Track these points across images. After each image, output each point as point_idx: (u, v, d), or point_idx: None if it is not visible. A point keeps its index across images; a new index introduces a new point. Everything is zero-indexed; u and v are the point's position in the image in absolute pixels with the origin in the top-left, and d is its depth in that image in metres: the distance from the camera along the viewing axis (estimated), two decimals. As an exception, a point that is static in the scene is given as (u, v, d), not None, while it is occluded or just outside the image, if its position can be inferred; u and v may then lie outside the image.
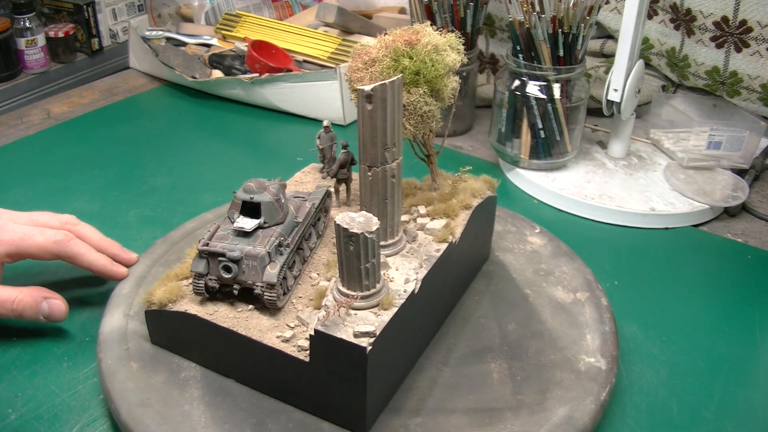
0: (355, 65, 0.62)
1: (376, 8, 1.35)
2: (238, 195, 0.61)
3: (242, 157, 1.05)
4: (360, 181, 0.60)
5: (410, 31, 0.63)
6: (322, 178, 0.77)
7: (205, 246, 0.59)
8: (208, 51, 1.28)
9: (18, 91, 1.36)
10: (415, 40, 0.61)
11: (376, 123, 0.55)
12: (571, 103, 0.94)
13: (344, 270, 0.54)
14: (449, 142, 1.09)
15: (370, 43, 0.63)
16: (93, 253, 0.69)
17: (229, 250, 0.58)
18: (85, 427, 0.59)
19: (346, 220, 0.51)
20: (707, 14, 0.97)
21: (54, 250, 0.67)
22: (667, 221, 0.89)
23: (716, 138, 0.95)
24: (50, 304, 0.66)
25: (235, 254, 0.58)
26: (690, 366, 0.67)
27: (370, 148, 0.57)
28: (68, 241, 0.68)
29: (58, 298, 0.67)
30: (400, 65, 0.60)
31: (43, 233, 0.67)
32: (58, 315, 0.66)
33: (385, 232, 0.61)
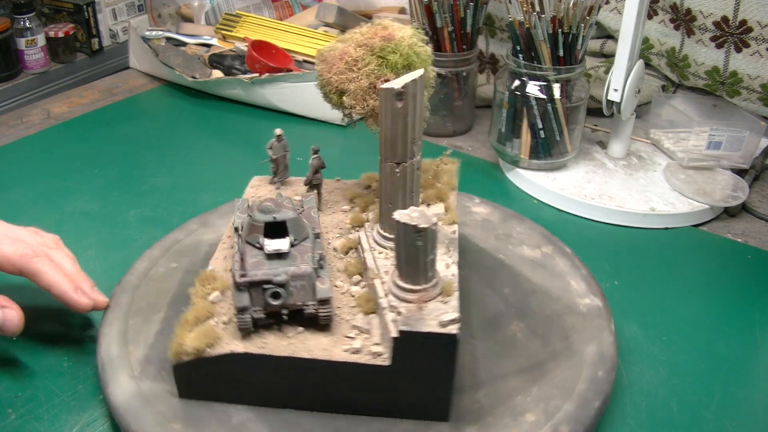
0: (337, 68, 0.62)
1: (376, 8, 1.35)
2: (259, 217, 0.57)
3: (242, 157, 1.05)
4: (384, 179, 0.60)
5: (379, 27, 0.64)
6: (276, 189, 0.74)
7: (244, 277, 0.54)
8: (208, 51, 1.28)
9: (18, 91, 1.36)
10: (389, 36, 0.62)
11: (407, 120, 0.56)
12: (571, 103, 0.94)
13: (407, 266, 0.54)
14: (449, 142, 1.09)
15: (337, 46, 0.63)
16: (56, 275, 0.63)
17: (273, 275, 0.54)
18: (85, 427, 0.59)
19: (413, 215, 0.52)
20: (707, 14, 0.97)
21: (18, 263, 0.62)
22: (667, 221, 0.89)
23: (716, 138, 0.95)
24: (5, 313, 0.61)
25: (282, 278, 0.54)
26: (690, 366, 0.67)
27: (399, 145, 0.58)
28: (33, 256, 0.63)
29: (14, 308, 0.61)
30: (389, 61, 0.61)
31: (13, 244, 0.63)
32: (10, 326, 0.61)
33: None
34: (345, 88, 0.63)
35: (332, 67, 0.63)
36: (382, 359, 0.54)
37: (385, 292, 0.57)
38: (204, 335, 0.55)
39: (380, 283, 0.58)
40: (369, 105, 0.63)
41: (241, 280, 0.54)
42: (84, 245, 0.82)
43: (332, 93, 0.64)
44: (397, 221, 0.51)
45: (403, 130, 0.57)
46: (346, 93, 0.63)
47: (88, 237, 0.84)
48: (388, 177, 0.60)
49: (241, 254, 0.56)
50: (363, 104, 0.63)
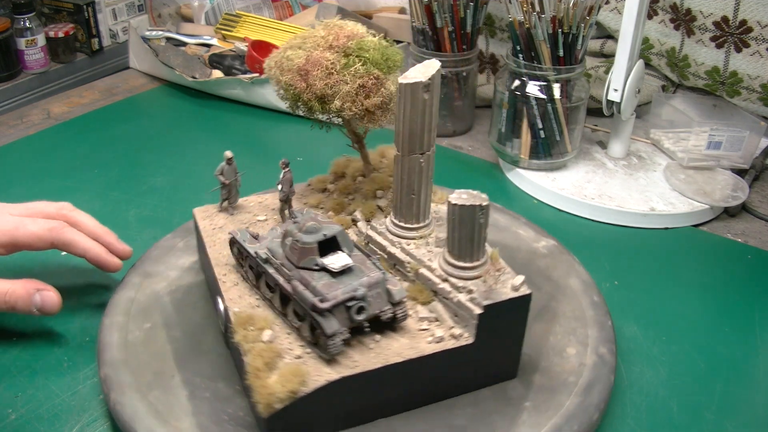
0: (315, 75, 0.62)
1: (376, 8, 1.35)
2: (309, 239, 0.55)
3: (242, 157, 1.05)
4: (403, 172, 0.61)
5: (335, 27, 0.65)
6: (230, 214, 0.71)
7: (326, 302, 0.53)
8: (208, 51, 1.28)
9: (18, 91, 1.36)
10: (351, 34, 0.64)
11: (432, 110, 0.58)
12: (571, 103, 0.94)
13: (466, 245, 0.57)
14: (449, 142, 1.09)
15: (296, 54, 0.63)
16: (88, 241, 0.69)
17: (353, 291, 0.53)
18: (85, 427, 0.59)
19: (463, 197, 0.55)
20: (707, 14, 0.97)
21: (48, 237, 0.67)
22: (667, 221, 0.89)
23: (716, 138, 0.95)
24: (43, 296, 0.64)
25: (362, 291, 0.54)
26: (690, 366, 0.67)
27: (425, 135, 0.59)
28: (62, 228, 0.67)
29: (51, 290, 0.65)
30: (370, 59, 0.63)
31: (36, 222, 0.67)
32: (50, 307, 0.64)
33: (428, 211, 0.65)
34: (328, 93, 0.63)
35: (307, 76, 0.63)
36: (464, 339, 0.57)
37: (441, 278, 0.59)
38: (291, 375, 0.52)
39: (428, 271, 0.60)
40: (364, 105, 0.63)
41: (325, 305, 0.52)
42: (84, 245, 0.82)
43: (312, 101, 0.64)
44: (455, 205, 0.55)
45: (429, 120, 0.59)
46: (327, 98, 0.63)
47: (88, 237, 0.84)
48: (412, 169, 0.61)
49: (302, 282, 0.55)
50: (359, 105, 0.63)
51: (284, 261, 0.57)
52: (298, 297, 0.55)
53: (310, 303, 0.53)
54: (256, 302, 0.61)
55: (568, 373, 0.61)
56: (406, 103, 0.58)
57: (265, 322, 0.56)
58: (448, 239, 0.58)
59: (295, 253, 0.56)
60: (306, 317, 0.55)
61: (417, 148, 0.60)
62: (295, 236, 0.56)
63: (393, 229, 0.65)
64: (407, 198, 0.62)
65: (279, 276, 0.57)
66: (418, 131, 0.59)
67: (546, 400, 0.59)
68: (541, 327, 0.66)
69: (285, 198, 0.69)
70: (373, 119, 0.66)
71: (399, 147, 0.60)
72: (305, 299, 0.54)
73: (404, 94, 0.57)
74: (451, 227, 0.57)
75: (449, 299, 0.58)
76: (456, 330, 0.57)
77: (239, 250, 0.63)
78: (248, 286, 0.62)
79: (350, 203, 0.72)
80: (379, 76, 0.64)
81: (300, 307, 0.56)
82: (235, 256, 0.64)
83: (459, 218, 0.55)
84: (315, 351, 0.55)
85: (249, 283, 0.62)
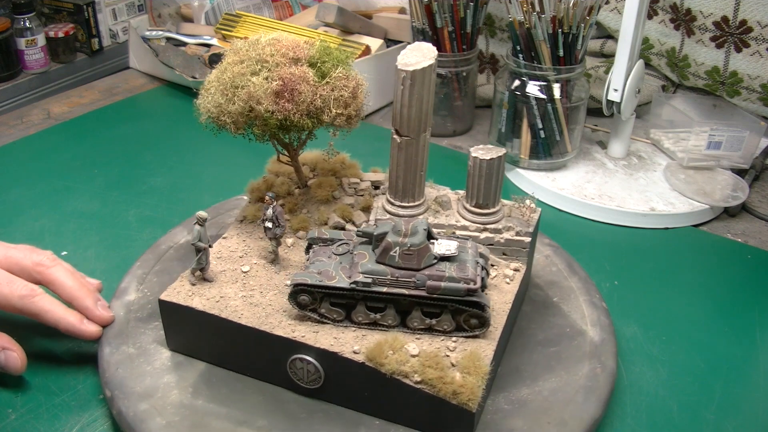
0: (302, 95, 0.61)
1: (376, 8, 1.35)
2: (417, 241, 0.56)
3: (242, 157, 1.05)
4: (414, 154, 0.63)
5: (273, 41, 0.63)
6: (209, 281, 0.63)
7: (475, 283, 0.56)
8: (208, 51, 1.28)
9: (18, 91, 1.35)
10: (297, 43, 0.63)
11: (432, 88, 0.62)
12: (571, 103, 0.94)
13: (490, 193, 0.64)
14: (449, 142, 1.09)
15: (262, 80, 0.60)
16: (60, 310, 0.62)
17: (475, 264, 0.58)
18: (85, 427, 0.59)
19: (481, 152, 0.63)
20: (707, 14, 0.97)
21: (18, 305, 0.62)
22: (667, 221, 0.89)
23: (716, 138, 0.95)
24: (6, 355, 0.61)
25: (481, 260, 0.59)
26: (690, 366, 0.67)
27: (429, 114, 0.63)
28: (33, 297, 0.62)
29: (16, 350, 0.62)
30: (338, 58, 0.63)
31: (11, 284, 0.62)
32: (13, 368, 0.62)
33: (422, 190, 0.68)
34: (319, 106, 0.62)
35: (293, 96, 0.60)
36: (522, 268, 0.66)
37: (479, 229, 0.65)
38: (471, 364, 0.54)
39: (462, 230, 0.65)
40: (357, 105, 0.63)
41: (478, 285, 0.56)
42: (84, 245, 0.82)
43: (301, 120, 0.62)
44: (482, 159, 0.62)
45: (431, 99, 0.62)
46: (318, 111, 0.62)
47: (88, 237, 0.84)
48: (420, 148, 0.63)
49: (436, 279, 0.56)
50: (355, 106, 0.63)
51: (396, 273, 0.57)
52: (444, 292, 0.56)
53: (463, 290, 0.56)
54: (357, 334, 0.58)
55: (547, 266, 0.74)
56: (418, 88, 0.59)
57: (396, 341, 0.56)
58: (474, 192, 0.65)
59: (414, 258, 0.56)
60: (445, 310, 0.57)
61: (423, 128, 0.62)
62: (404, 244, 0.56)
63: (401, 212, 0.66)
64: (417, 176, 0.65)
65: (400, 289, 0.57)
66: (424, 112, 0.61)
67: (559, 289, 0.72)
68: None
69: (284, 233, 0.65)
70: (352, 122, 0.65)
71: (408, 132, 0.62)
72: (455, 290, 0.56)
73: (416, 80, 0.59)
74: (481, 180, 0.64)
75: (495, 243, 0.66)
76: (513, 264, 0.66)
77: (312, 295, 0.58)
78: (330, 327, 0.59)
79: (310, 216, 0.71)
80: (356, 75, 0.64)
81: (435, 305, 0.57)
82: (302, 305, 0.59)
83: (486, 171, 0.63)
84: (459, 336, 0.58)
85: (329, 322, 0.59)
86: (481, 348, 0.57)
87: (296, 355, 0.58)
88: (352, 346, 0.57)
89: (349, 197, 0.72)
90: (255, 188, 0.73)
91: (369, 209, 0.70)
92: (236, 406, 0.59)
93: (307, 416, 0.58)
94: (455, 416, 0.54)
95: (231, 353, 0.61)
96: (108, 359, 0.62)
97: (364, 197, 0.72)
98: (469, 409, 0.53)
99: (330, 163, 0.74)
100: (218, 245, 0.68)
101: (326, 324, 0.59)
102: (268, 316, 0.60)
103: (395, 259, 0.56)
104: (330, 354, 0.56)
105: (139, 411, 0.57)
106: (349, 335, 0.58)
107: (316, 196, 0.71)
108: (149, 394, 0.59)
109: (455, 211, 0.67)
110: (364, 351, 0.56)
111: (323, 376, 0.57)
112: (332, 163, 0.74)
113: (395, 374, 0.54)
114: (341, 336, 0.58)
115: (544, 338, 0.66)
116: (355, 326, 0.59)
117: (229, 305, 0.61)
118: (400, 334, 0.58)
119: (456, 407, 0.53)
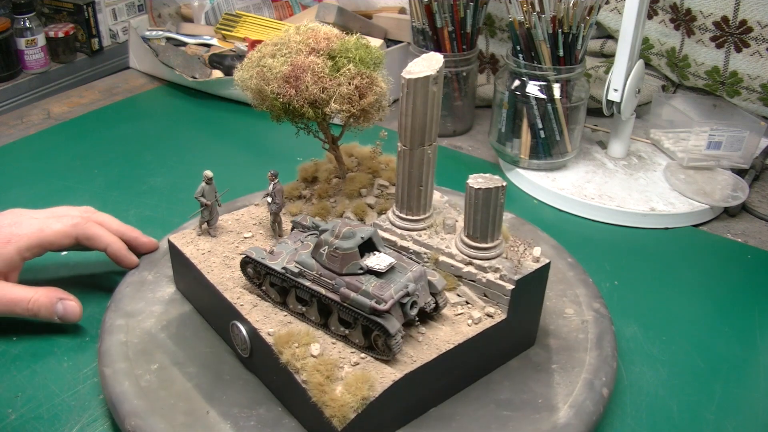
0: (306, 81, 0.62)
1: (376, 8, 1.35)
2: (347, 245, 0.55)
3: (242, 157, 1.05)
4: (411, 166, 0.62)
5: (307, 29, 0.65)
6: (213, 236, 0.69)
7: (385, 303, 0.53)
8: (208, 51, 1.28)
9: (18, 91, 1.35)
10: (328, 35, 0.64)
11: (438, 101, 0.60)
12: (571, 103, 0.94)
13: (487, 227, 0.59)
14: (449, 142, 1.09)
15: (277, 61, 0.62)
16: (110, 236, 0.71)
17: (404, 288, 0.54)
18: (85, 427, 0.59)
19: (480, 181, 0.58)
20: (707, 14, 0.97)
21: (72, 233, 0.68)
22: (667, 221, 0.89)
23: (716, 138, 0.95)
24: (65, 305, 0.67)
25: (412, 286, 0.54)
26: (690, 366, 0.67)
27: (434, 126, 0.61)
28: (85, 223, 0.69)
29: (72, 299, 0.67)
30: (358, 57, 0.63)
31: (60, 220, 0.69)
32: (72, 316, 0.67)
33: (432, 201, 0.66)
34: (322, 97, 0.62)
35: (297, 82, 0.62)
36: (499, 315, 0.60)
37: (465, 262, 0.61)
38: (359, 383, 0.52)
39: (449, 257, 0.62)
40: (360, 105, 0.63)
41: (385, 307, 0.53)
42: (84, 245, 0.82)
43: (303, 107, 0.63)
44: (477, 189, 0.57)
45: (436, 112, 0.60)
46: (320, 102, 0.63)
47: (88, 237, 0.84)
48: (420, 161, 0.62)
49: (351, 288, 0.54)
50: (356, 105, 0.63)
51: (321, 271, 0.56)
52: (352, 303, 0.54)
53: (369, 307, 0.53)
54: (285, 319, 0.59)
55: (576, 332, 0.67)
56: (415, 98, 0.58)
57: (307, 336, 0.56)
58: (468, 223, 0.60)
59: (337, 261, 0.55)
60: (356, 323, 0.55)
61: (426, 140, 0.61)
62: (332, 244, 0.55)
63: (399, 223, 0.65)
64: (415, 190, 0.63)
65: (320, 287, 0.56)
66: (426, 124, 0.60)
67: (568, 358, 0.64)
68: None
69: (279, 210, 0.68)
70: (369, 118, 0.66)
71: (406, 141, 0.61)
72: (361, 304, 0.54)
73: (413, 89, 0.58)
74: (472, 211, 0.59)
75: (477, 281, 0.61)
76: (489, 308, 0.60)
77: (256, 269, 0.61)
78: (269, 305, 0.61)
79: (334, 206, 0.72)
80: (370, 75, 0.64)
81: (348, 314, 0.55)
82: (249, 277, 0.62)
83: (482, 201, 0.58)
84: (370, 354, 0.55)
85: (270, 301, 0.61)
86: (382, 374, 0.54)
87: (234, 321, 0.60)
88: (270, 328, 0.58)
89: (373, 197, 0.72)
90: (302, 169, 0.76)
91: (385, 213, 0.70)
92: (184, 350, 0.64)
93: (230, 379, 0.61)
94: (326, 428, 0.53)
95: (203, 304, 0.67)
96: (127, 279, 0.71)
97: (388, 200, 0.72)
98: (334, 425, 0.51)
99: (375, 162, 0.75)
100: (245, 211, 0.73)
101: (267, 303, 0.61)
102: (229, 279, 0.63)
103: (323, 257, 0.57)
104: (252, 328, 0.59)
105: (114, 324, 0.66)
106: (278, 318, 0.60)
107: (345, 189, 0.72)
108: (131, 315, 0.67)
109: (455, 237, 0.63)
110: (276, 335, 0.57)
111: (249, 347, 0.60)
112: (376, 162, 0.75)
113: (288, 366, 0.55)
114: (272, 316, 0.60)
115: (506, 399, 0.60)
116: (288, 312, 0.60)
117: (209, 260, 0.66)
118: (320, 333, 0.58)
119: (326, 419, 0.52)
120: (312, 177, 0.75)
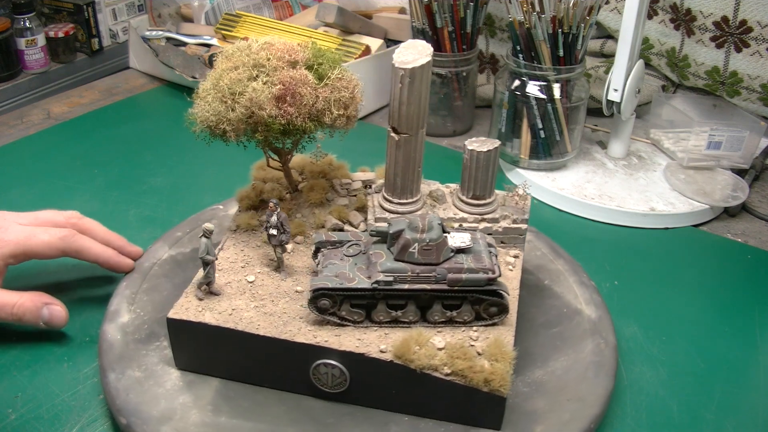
0: (304, 97, 0.61)
1: (376, 8, 1.35)
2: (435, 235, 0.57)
3: (242, 157, 1.05)
4: (411, 150, 0.64)
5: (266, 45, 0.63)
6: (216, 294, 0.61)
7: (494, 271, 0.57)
8: (208, 51, 1.28)
9: (18, 91, 1.35)
10: (291, 46, 0.63)
11: (428, 85, 0.62)
12: (571, 103, 0.94)
13: (486, 184, 0.65)
14: (449, 142, 1.09)
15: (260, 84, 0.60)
16: (98, 246, 0.70)
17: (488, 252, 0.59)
18: (85, 427, 0.59)
19: (475, 144, 0.64)
20: (707, 14, 0.97)
21: (60, 246, 0.67)
22: (667, 221, 0.89)
23: (716, 138, 0.95)
24: (51, 310, 0.66)
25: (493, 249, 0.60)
26: (690, 366, 0.67)
27: (425, 111, 0.63)
28: (73, 236, 0.68)
29: (58, 305, 0.66)
30: (334, 59, 0.63)
31: (47, 231, 0.68)
32: (57, 321, 0.66)
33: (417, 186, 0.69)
34: (321, 108, 0.62)
35: (295, 100, 0.60)
36: (519, 255, 0.67)
37: (476, 220, 0.66)
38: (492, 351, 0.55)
39: (461, 222, 0.66)
40: (354, 105, 0.64)
41: (498, 273, 0.57)
42: (84, 245, 0.82)
43: (305, 123, 0.61)
44: (478, 152, 0.64)
45: (427, 96, 0.62)
46: (319, 113, 0.62)
47: (88, 237, 0.84)
48: (417, 144, 0.64)
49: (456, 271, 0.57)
50: (354, 107, 0.63)
51: (416, 269, 0.57)
52: (467, 282, 0.57)
53: (485, 279, 0.57)
54: (377, 333, 0.58)
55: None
56: (412, 85, 0.59)
57: (420, 336, 0.56)
58: (471, 184, 0.66)
59: (433, 253, 0.57)
60: (465, 301, 0.58)
61: (422, 124, 0.63)
62: (423, 239, 0.57)
63: (396, 208, 0.66)
64: (414, 173, 0.65)
65: (422, 284, 0.57)
66: (422, 108, 0.61)
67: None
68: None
69: (289, 239, 0.64)
70: (350, 123, 0.65)
71: (404, 128, 0.62)
72: (476, 280, 0.57)
73: (411, 77, 0.59)
74: (474, 171, 0.65)
75: (493, 232, 0.67)
76: (511, 251, 0.67)
77: (332, 299, 0.58)
78: (346, 330, 0.59)
79: (305, 219, 0.70)
80: (350, 75, 0.64)
81: (455, 297, 0.58)
82: (322, 309, 0.58)
83: (483, 162, 0.64)
84: (477, 325, 0.59)
85: (350, 324, 0.59)
86: (502, 335, 0.58)
87: (320, 361, 0.57)
88: (377, 346, 0.57)
89: (343, 198, 0.72)
90: (244, 196, 0.72)
91: (364, 209, 0.70)
92: (261, 418, 0.58)
93: (335, 420, 0.58)
94: (486, 404, 0.55)
95: (247, 366, 0.60)
96: (115, 385, 0.59)
97: (358, 197, 0.72)
98: (501, 395, 0.54)
99: (318, 166, 0.74)
100: (220, 257, 0.66)
101: (346, 326, 0.59)
102: (285, 324, 0.59)
103: (414, 255, 0.57)
104: (356, 356, 0.56)
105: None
106: (371, 335, 0.58)
107: (309, 199, 0.71)
108: (168, 417, 0.57)
109: (451, 204, 0.69)
110: (391, 349, 0.56)
111: (348, 378, 0.57)
112: (320, 165, 0.74)
113: (425, 369, 0.55)
114: (364, 337, 0.58)
115: (545, 320, 0.68)
116: (376, 326, 0.59)
117: (243, 317, 0.59)
118: (423, 328, 0.58)
119: (487, 395, 0.54)
120: (255, 202, 0.72)
